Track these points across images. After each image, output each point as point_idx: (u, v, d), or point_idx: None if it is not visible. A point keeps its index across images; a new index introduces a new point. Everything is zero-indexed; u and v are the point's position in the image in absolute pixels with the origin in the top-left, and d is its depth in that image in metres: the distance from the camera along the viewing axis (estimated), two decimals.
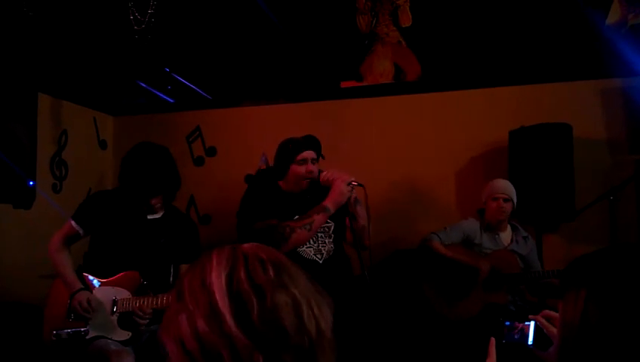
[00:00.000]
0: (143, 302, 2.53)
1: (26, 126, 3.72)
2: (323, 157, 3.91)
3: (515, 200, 3.46)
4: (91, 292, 2.58)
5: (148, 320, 2.53)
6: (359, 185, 2.75)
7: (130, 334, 2.57)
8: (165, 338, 0.84)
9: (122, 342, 2.54)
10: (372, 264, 2.73)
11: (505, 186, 3.48)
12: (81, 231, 2.69)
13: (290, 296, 0.83)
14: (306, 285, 0.87)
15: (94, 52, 4.06)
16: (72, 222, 2.69)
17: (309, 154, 2.80)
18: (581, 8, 4.04)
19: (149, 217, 2.75)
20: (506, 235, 3.55)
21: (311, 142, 2.84)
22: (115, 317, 2.57)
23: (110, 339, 2.54)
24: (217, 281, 0.82)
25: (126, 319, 2.57)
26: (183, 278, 0.88)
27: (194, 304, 0.82)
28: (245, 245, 0.90)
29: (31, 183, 3.57)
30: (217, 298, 0.80)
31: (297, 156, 2.78)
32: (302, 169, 2.78)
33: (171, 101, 4.92)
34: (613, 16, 4.08)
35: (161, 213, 2.80)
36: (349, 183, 2.71)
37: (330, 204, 2.69)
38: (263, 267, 0.85)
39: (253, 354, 0.78)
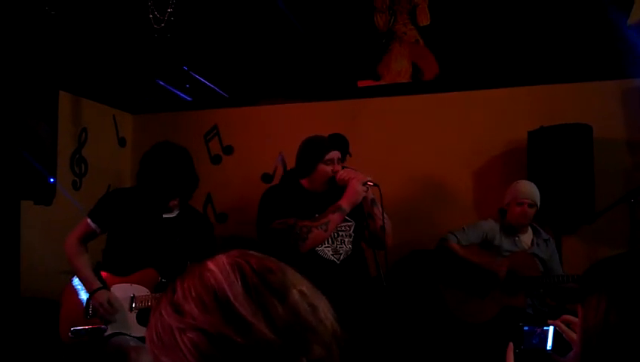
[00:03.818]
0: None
1: (46, 123, 3.76)
2: (350, 155, 3.92)
3: (539, 205, 3.42)
4: (109, 290, 2.61)
5: None
6: (375, 184, 2.76)
7: None
8: (162, 359, 0.79)
9: (141, 339, 2.57)
10: (388, 265, 2.72)
11: (531, 191, 3.41)
12: (97, 230, 2.71)
13: (302, 293, 0.82)
14: (308, 287, 0.85)
15: (114, 50, 4.10)
16: (88, 220, 2.71)
17: (335, 154, 2.83)
18: (602, 8, 3.98)
19: (164, 216, 2.77)
20: (526, 237, 3.51)
21: (338, 142, 2.86)
22: (133, 314, 2.60)
23: (129, 336, 2.57)
24: (232, 290, 0.78)
25: (145, 315, 2.60)
26: (175, 293, 0.82)
27: (207, 317, 0.77)
28: (233, 252, 0.87)
29: (51, 180, 3.61)
30: (241, 309, 0.76)
31: (326, 156, 2.79)
32: (329, 168, 2.79)
33: (189, 99, 4.95)
34: (634, 16, 4.01)
35: (177, 212, 2.81)
36: (365, 183, 2.72)
37: (345, 203, 2.70)
38: (269, 270, 0.82)
39: (298, 357, 0.76)
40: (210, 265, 0.83)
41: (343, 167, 3.06)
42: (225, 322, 0.76)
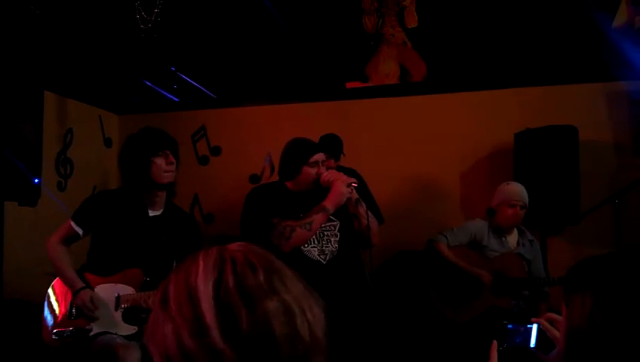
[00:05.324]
0: (148, 296, 2.54)
1: (31, 124, 3.73)
2: (344, 155, 3.91)
3: (527, 206, 3.45)
4: (93, 290, 2.58)
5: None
6: (359, 185, 2.77)
7: (137, 328, 2.57)
8: (151, 349, 0.80)
9: (128, 337, 2.54)
10: (374, 266, 2.73)
11: (522, 193, 3.42)
12: (80, 232, 2.67)
13: (282, 302, 0.77)
14: (298, 288, 0.82)
15: (100, 50, 4.07)
16: (72, 223, 2.67)
17: (320, 156, 2.82)
18: (588, 11, 4.02)
19: (150, 214, 2.74)
20: (512, 238, 3.53)
21: (331, 142, 2.86)
22: (119, 313, 2.58)
23: (115, 334, 2.54)
24: (204, 289, 0.77)
25: (131, 314, 2.57)
26: (169, 283, 0.82)
27: (179, 314, 0.76)
28: (233, 245, 0.85)
29: (36, 181, 3.57)
30: (203, 309, 0.75)
31: (310, 158, 2.78)
32: (313, 171, 2.79)
33: (176, 100, 4.93)
34: (619, 19, 4.06)
35: (161, 210, 2.79)
36: (349, 184, 2.72)
37: (329, 204, 2.70)
38: (252, 271, 0.79)
39: None
40: (200, 257, 0.82)
41: (338, 167, 3.07)
42: (190, 323, 0.75)
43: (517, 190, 3.43)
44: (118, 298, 2.58)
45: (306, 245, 2.75)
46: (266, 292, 0.77)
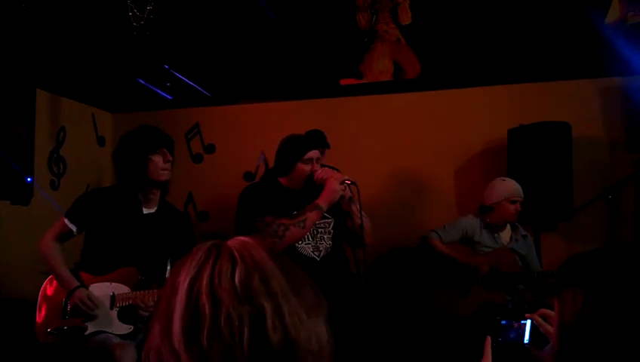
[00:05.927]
0: (144, 295, 2.54)
1: (24, 122, 3.71)
2: (328, 147, 3.90)
3: None
4: (87, 289, 2.58)
5: (150, 313, 2.52)
6: (352, 183, 2.77)
7: (132, 328, 2.57)
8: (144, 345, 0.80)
9: (123, 336, 2.54)
10: (368, 262, 2.73)
11: (520, 189, 3.45)
12: (74, 229, 2.67)
13: (255, 306, 0.75)
14: (281, 289, 0.78)
15: (93, 48, 4.05)
16: (66, 220, 2.67)
17: (314, 153, 2.82)
18: (580, 7, 4.03)
19: (144, 212, 2.74)
20: (505, 234, 3.55)
21: (316, 140, 2.86)
22: (115, 312, 2.57)
23: (111, 334, 2.54)
24: (181, 288, 0.76)
25: (126, 313, 2.57)
26: (169, 278, 0.82)
27: (160, 311, 0.77)
28: (230, 241, 0.83)
29: (29, 180, 3.57)
30: (175, 308, 0.74)
31: (305, 155, 2.78)
32: (308, 168, 2.79)
33: (170, 98, 4.91)
34: (612, 15, 4.07)
35: (155, 208, 2.79)
36: (342, 182, 2.72)
37: (322, 202, 2.71)
38: (231, 270, 0.77)
39: None
40: (192, 253, 0.81)
41: (323, 165, 3.06)
42: (164, 320, 0.76)
43: (516, 186, 3.46)
44: (113, 297, 2.58)
45: (300, 242, 2.76)
46: (238, 295, 0.75)
